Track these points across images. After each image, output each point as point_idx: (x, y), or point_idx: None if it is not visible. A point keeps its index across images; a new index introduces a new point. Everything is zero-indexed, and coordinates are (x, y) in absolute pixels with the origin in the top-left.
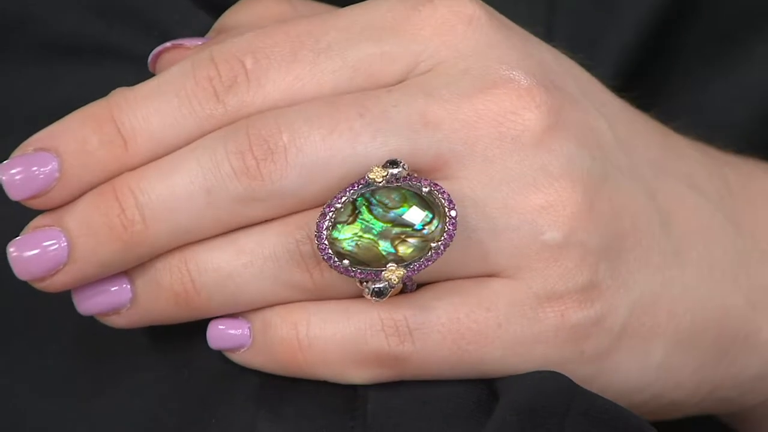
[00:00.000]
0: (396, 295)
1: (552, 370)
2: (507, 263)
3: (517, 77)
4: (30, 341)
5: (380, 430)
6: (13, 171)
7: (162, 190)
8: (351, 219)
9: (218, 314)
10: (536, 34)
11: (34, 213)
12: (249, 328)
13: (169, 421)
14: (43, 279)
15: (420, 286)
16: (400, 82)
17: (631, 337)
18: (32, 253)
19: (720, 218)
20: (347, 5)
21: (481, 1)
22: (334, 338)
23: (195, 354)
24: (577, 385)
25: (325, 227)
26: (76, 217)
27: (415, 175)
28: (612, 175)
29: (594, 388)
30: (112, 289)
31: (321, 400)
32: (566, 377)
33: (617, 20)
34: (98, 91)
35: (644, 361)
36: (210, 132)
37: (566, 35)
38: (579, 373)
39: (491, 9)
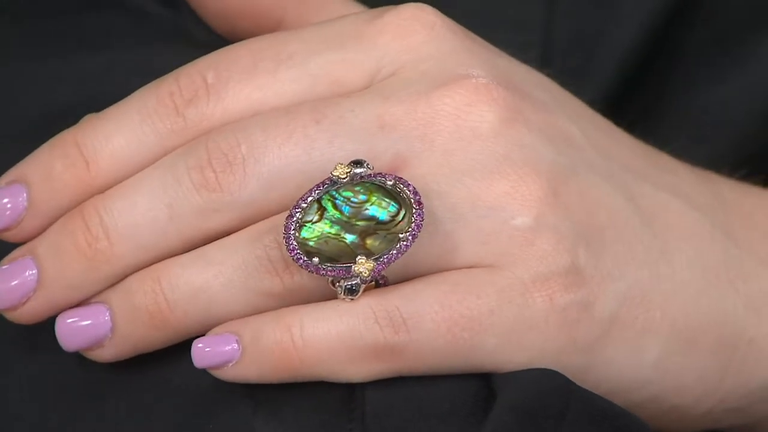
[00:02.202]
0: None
1: (547, 361)
2: (483, 252)
3: (475, 74)
4: (24, 348)
5: (379, 430)
6: None
7: (124, 206)
8: (317, 218)
9: (197, 332)
10: (532, 37)
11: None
12: (237, 341)
13: (166, 427)
14: (14, 308)
15: None
16: (365, 88)
17: (623, 330)
18: (4, 285)
19: (709, 227)
20: None
21: (443, 14)
22: (329, 335)
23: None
24: (575, 384)
25: (293, 228)
26: (45, 242)
27: (380, 173)
28: (583, 173)
29: (588, 380)
30: (92, 321)
31: (319, 400)
32: (563, 376)
33: (618, 19)
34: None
35: (639, 358)
36: (173, 148)
37: (566, 35)
38: (573, 364)
39: (454, 22)
